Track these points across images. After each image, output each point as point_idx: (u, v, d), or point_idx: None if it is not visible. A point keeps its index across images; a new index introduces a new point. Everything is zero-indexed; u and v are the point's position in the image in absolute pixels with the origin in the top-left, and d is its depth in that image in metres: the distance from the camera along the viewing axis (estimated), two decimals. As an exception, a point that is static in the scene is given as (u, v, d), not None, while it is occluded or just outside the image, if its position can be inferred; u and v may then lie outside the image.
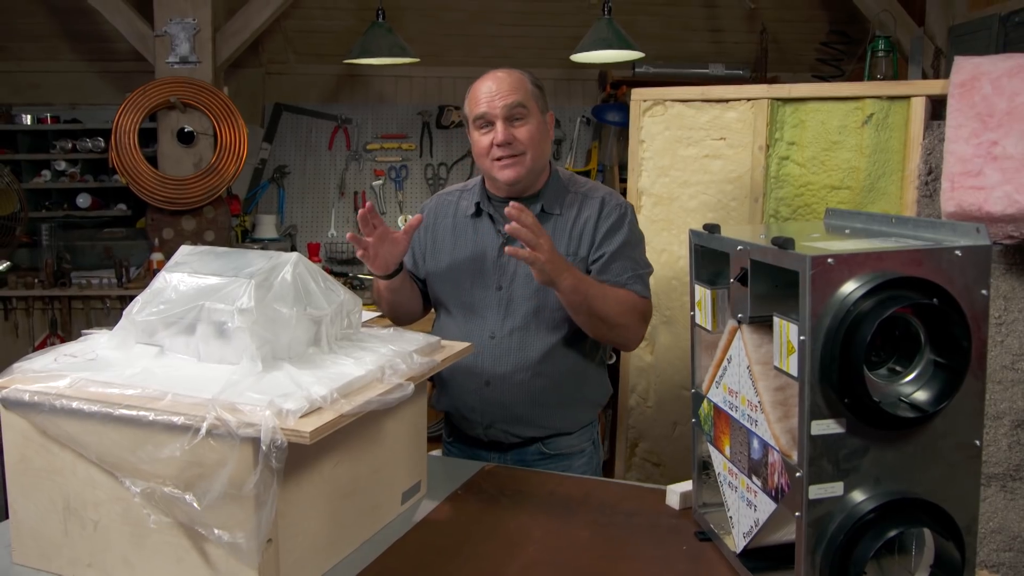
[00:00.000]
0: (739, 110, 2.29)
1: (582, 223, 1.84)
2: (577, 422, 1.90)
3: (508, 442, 1.88)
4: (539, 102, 1.84)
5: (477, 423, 1.88)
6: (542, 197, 1.87)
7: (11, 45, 4.85)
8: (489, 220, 1.89)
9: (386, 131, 5.22)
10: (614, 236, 1.83)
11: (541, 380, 1.83)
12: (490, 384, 1.84)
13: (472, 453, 1.92)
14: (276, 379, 1.24)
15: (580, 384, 1.89)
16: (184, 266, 1.40)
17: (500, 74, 1.82)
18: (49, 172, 4.60)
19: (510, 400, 1.84)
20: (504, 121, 1.78)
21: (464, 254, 1.90)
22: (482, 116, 1.80)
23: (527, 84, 1.83)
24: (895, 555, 1.11)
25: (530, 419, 1.85)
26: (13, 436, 1.28)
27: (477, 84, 1.84)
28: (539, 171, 1.86)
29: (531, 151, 1.80)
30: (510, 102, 1.78)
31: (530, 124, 1.80)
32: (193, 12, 4.08)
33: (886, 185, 2.17)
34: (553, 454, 1.89)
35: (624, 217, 1.85)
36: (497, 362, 1.84)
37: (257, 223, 4.93)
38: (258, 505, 1.13)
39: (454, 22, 4.92)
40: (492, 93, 1.79)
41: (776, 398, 1.19)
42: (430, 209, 1.99)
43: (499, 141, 1.78)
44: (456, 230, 1.92)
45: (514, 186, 1.84)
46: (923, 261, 1.08)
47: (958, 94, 1.96)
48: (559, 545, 1.40)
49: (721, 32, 5.03)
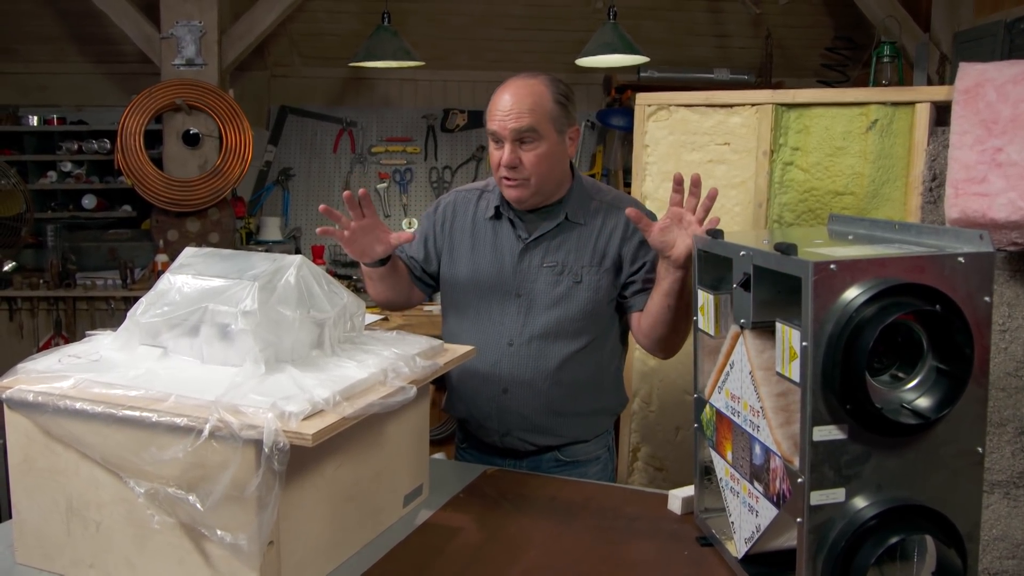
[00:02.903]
0: (743, 115, 2.29)
1: (607, 234, 1.80)
2: (593, 431, 1.89)
3: (524, 450, 1.85)
4: (556, 122, 1.75)
5: (494, 430, 1.84)
6: (566, 205, 1.82)
7: (19, 47, 4.87)
8: (509, 224, 1.84)
9: (391, 134, 5.23)
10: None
11: (560, 389, 1.80)
12: (508, 392, 1.81)
13: (486, 460, 1.88)
14: (279, 381, 1.24)
15: (598, 393, 1.86)
16: (188, 268, 1.40)
17: (520, 86, 1.74)
18: (55, 173, 4.62)
19: (528, 409, 1.81)
20: (512, 143, 1.72)
21: (483, 258, 1.84)
22: (493, 133, 1.75)
23: (547, 103, 1.74)
24: (896, 562, 1.11)
25: (547, 428, 1.83)
26: (17, 436, 1.29)
27: (497, 94, 1.76)
28: (549, 191, 1.80)
29: (536, 177, 1.74)
30: (520, 126, 1.71)
31: (540, 148, 1.73)
32: (199, 15, 4.10)
33: (890, 191, 2.17)
34: (568, 461, 1.86)
35: None
36: (515, 370, 1.80)
37: (262, 225, 4.94)
38: (260, 507, 1.14)
39: (459, 26, 4.93)
40: (506, 111, 1.72)
41: (778, 404, 1.19)
42: (448, 204, 1.93)
43: (504, 163, 1.73)
44: (475, 232, 1.87)
45: (520, 205, 1.80)
46: (926, 268, 1.08)
47: (963, 100, 1.95)
48: (560, 549, 1.40)
49: (726, 37, 5.03)
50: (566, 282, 1.79)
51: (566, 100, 1.78)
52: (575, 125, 1.83)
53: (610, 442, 1.96)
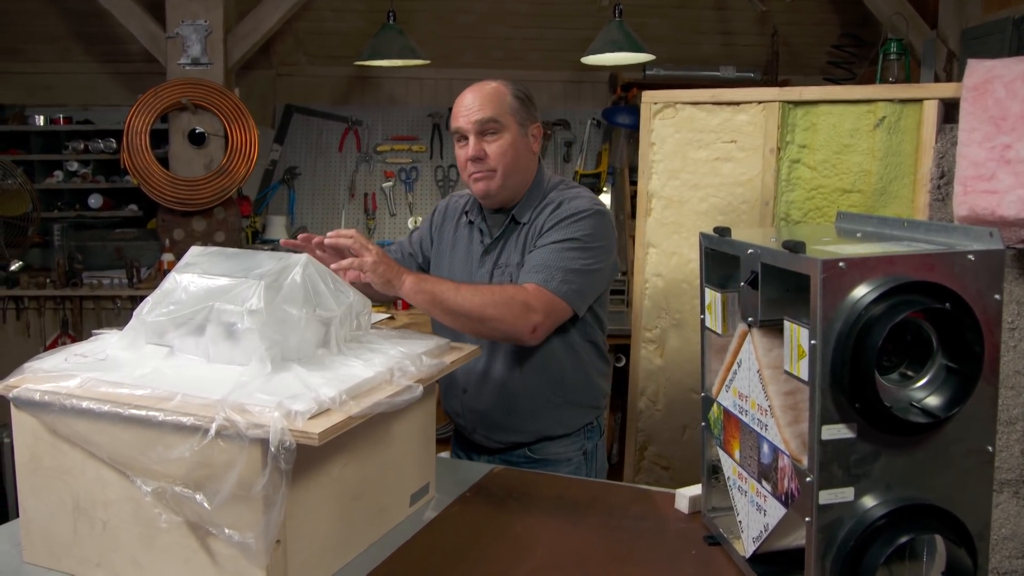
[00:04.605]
0: (750, 113, 2.28)
1: (537, 229, 1.80)
2: (562, 426, 1.88)
3: (491, 447, 1.91)
4: (518, 115, 1.80)
5: (464, 427, 1.94)
6: (518, 206, 1.85)
7: (25, 47, 4.88)
8: (477, 229, 1.90)
9: (396, 133, 5.23)
10: (551, 232, 1.75)
11: (514, 387, 1.83)
12: (467, 391, 1.88)
13: (469, 455, 1.97)
14: (285, 380, 1.24)
15: (560, 389, 1.85)
16: (194, 267, 1.40)
17: (479, 87, 1.80)
18: (61, 173, 4.63)
19: (485, 407, 1.87)
20: (476, 136, 1.77)
21: (457, 258, 1.93)
22: (457, 130, 1.81)
23: (506, 97, 1.79)
24: (906, 561, 1.10)
25: (507, 425, 1.87)
26: (24, 435, 1.29)
27: (459, 97, 1.82)
28: (517, 185, 1.83)
29: (502, 167, 1.78)
30: (481, 117, 1.76)
31: (503, 139, 1.77)
32: (205, 14, 4.10)
33: (898, 189, 2.16)
34: (539, 459, 1.89)
35: (573, 217, 1.76)
36: (470, 371, 1.85)
37: (267, 224, 4.94)
38: (267, 506, 1.13)
39: (465, 24, 4.93)
40: (468, 107, 1.78)
41: (786, 402, 1.18)
42: (441, 208, 2.03)
43: (469, 156, 1.78)
44: (456, 234, 1.95)
45: (487, 200, 1.84)
46: (936, 265, 1.07)
47: (971, 97, 1.94)
48: (567, 549, 1.40)
49: (732, 35, 5.01)
50: (505, 282, 1.81)
51: (525, 97, 1.84)
52: (537, 122, 1.87)
53: (588, 447, 1.92)
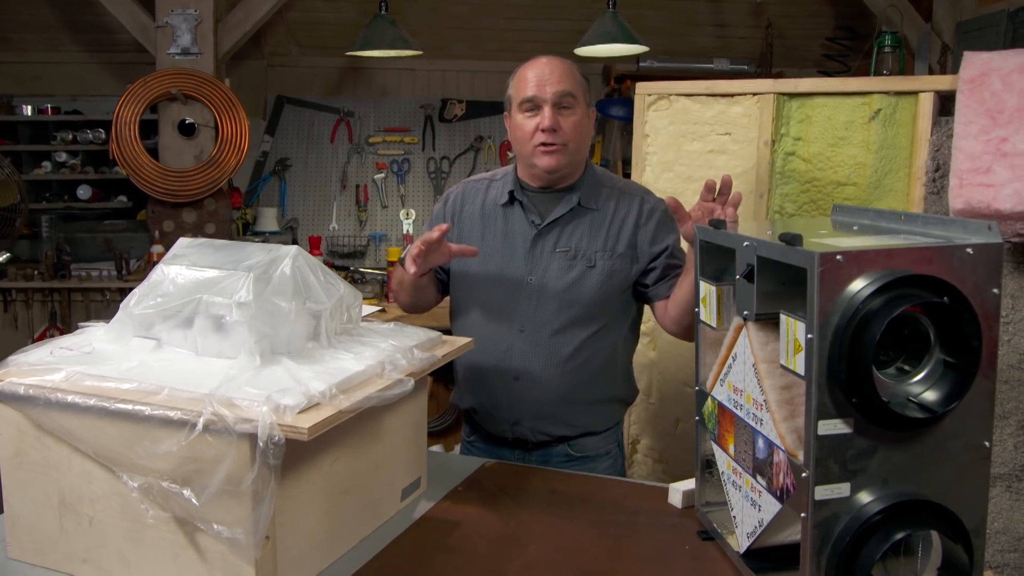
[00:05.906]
0: (744, 105, 2.26)
1: (620, 220, 1.82)
2: (605, 421, 1.87)
3: (535, 440, 1.83)
4: (586, 95, 1.81)
5: (504, 420, 1.83)
6: (578, 190, 1.82)
7: (13, 36, 4.83)
8: (521, 209, 1.84)
9: (388, 124, 5.20)
10: (668, 234, 1.83)
11: (572, 376, 1.79)
12: (519, 379, 1.80)
13: (495, 453, 1.86)
14: (274, 374, 1.22)
15: (610, 381, 1.85)
16: (182, 259, 1.38)
17: (553, 60, 1.78)
18: (50, 163, 4.59)
19: (540, 396, 1.79)
20: (552, 107, 1.74)
21: (493, 243, 1.84)
22: (531, 99, 1.75)
23: (577, 75, 1.79)
24: (902, 557, 1.09)
25: (559, 416, 1.81)
26: (8, 430, 1.27)
27: (526, 67, 1.79)
28: (579, 163, 1.83)
29: (573, 143, 1.77)
30: (561, 89, 1.74)
31: (576, 115, 1.77)
32: (195, 3, 4.06)
33: (893, 182, 2.15)
34: (579, 456, 1.85)
35: (667, 214, 1.82)
36: (527, 356, 1.79)
37: (258, 216, 4.92)
38: (256, 502, 1.12)
39: (457, 15, 4.90)
40: (543, 77, 1.75)
41: (782, 397, 1.17)
42: (456, 196, 1.93)
43: (545, 126, 1.74)
44: (485, 219, 1.87)
45: (552, 174, 1.80)
46: (934, 259, 1.06)
47: (967, 90, 1.93)
48: (560, 543, 1.39)
49: (726, 27, 5.00)
50: (579, 267, 1.79)
51: (587, 82, 1.85)
52: (592, 108, 1.87)
53: (620, 437, 1.94)
